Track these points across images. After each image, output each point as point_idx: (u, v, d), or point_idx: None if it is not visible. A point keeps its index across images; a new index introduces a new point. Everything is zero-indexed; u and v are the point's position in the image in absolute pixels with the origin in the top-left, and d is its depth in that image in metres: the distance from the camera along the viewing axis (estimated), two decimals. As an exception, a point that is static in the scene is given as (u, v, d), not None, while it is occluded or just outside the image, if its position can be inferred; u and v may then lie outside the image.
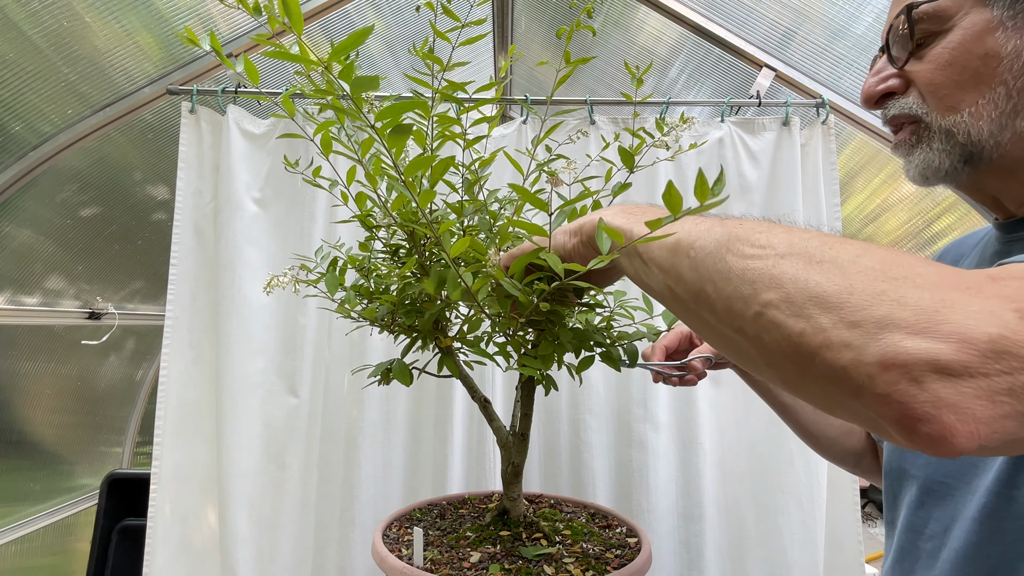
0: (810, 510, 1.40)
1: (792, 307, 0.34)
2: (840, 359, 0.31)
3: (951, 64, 0.51)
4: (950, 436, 0.29)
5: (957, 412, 0.28)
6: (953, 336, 0.29)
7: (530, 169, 0.88)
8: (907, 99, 0.55)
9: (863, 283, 0.32)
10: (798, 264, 0.35)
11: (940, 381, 0.28)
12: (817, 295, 0.33)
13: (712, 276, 0.39)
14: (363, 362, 1.42)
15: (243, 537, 1.39)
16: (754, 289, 0.36)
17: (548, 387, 0.81)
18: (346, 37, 0.46)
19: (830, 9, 1.40)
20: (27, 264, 1.73)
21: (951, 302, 0.30)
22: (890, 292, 0.31)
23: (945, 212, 1.68)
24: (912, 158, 0.57)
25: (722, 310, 0.38)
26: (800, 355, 0.33)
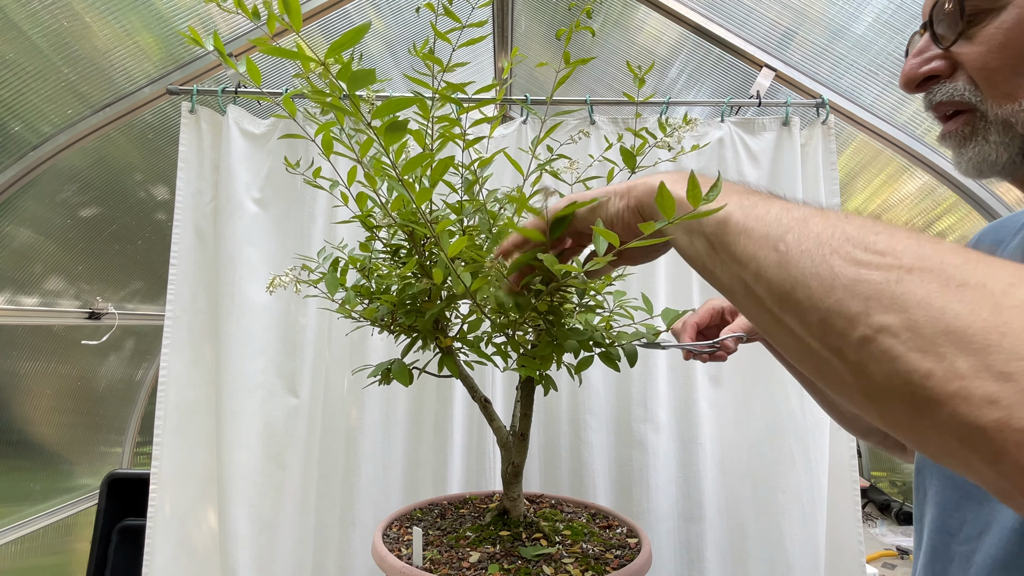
0: (811, 510, 1.40)
1: (918, 340, 0.28)
2: (980, 417, 0.26)
3: (1006, 46, 0.46)
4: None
5: None
6: None
7: (530, 169, 0.88)
8: (955, 84, 0.50)
9: (1021, 322, 0.26)
10: (931, 284, 0.28)
11: None
12: (956, 330, 0.27)
13: (808, 280, 0.33)
14: (363, 362, 1.42)
15: (243, 537, 1.39)
16: (867, 307, 0.30)
17: (547, 387, 0.81)
18: (343, 34, 0.46)
19: (830, 9, 1.40)
20: (27, 264, 1.73)
21: None
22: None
23: (946, 212, 1.68)
24: (965, 151, 0.51)
25: (815, 323, 0.32)
26: (920, 399, 0.28)
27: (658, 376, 1.45)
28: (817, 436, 1.42)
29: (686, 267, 1.49)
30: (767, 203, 0.39)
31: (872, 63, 1.46)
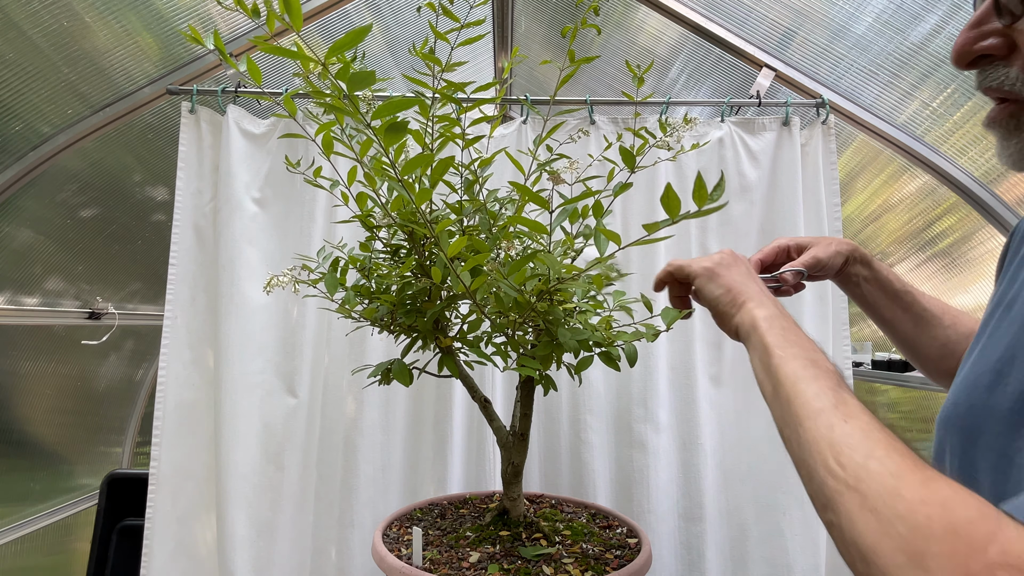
0: (811, 511, 1.40)
1: (842, 537, 0.40)
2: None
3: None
4: None
5: None
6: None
7: (531, 169, 0.88)
8: (1009, 70, 0.46)
9: (889, 550, 0.37)
10: (854, 504, 0.40)
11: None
12: (857, 543, 0.39)
13: (804, 466, 0.45)
14: (363, 362, 1.42)
15: (241, 538, 1.39)
16: (823, 504, 0.42)
17: (547, 387, 0.81)
18: (344, 35, 0.46)
19: (830, 9, 1.40)
20: (27, 264, 1.73)
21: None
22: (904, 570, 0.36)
23: (947, 213, 1.67)
24: (1008, 144, 0.49)
25: (808, 492, 0.45)
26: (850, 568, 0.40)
27: (659, 376, 1.45)
28: (817, 436, 1.42)
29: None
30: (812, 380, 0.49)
31: (872, 63, 1.46)
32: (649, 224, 0.50)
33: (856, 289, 0.86)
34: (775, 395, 0.52)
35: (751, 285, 0.62)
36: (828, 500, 0.42)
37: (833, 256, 0.83)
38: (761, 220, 1.50)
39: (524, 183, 0.88)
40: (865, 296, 0.86)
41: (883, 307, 0.85)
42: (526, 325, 0.76)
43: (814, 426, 0.46)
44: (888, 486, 0.40)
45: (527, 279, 0.65)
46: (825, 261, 0.82)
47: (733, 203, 1.49)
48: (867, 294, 0.85)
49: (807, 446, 0.45)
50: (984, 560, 0.35)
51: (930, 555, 0.36)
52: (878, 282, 0.85)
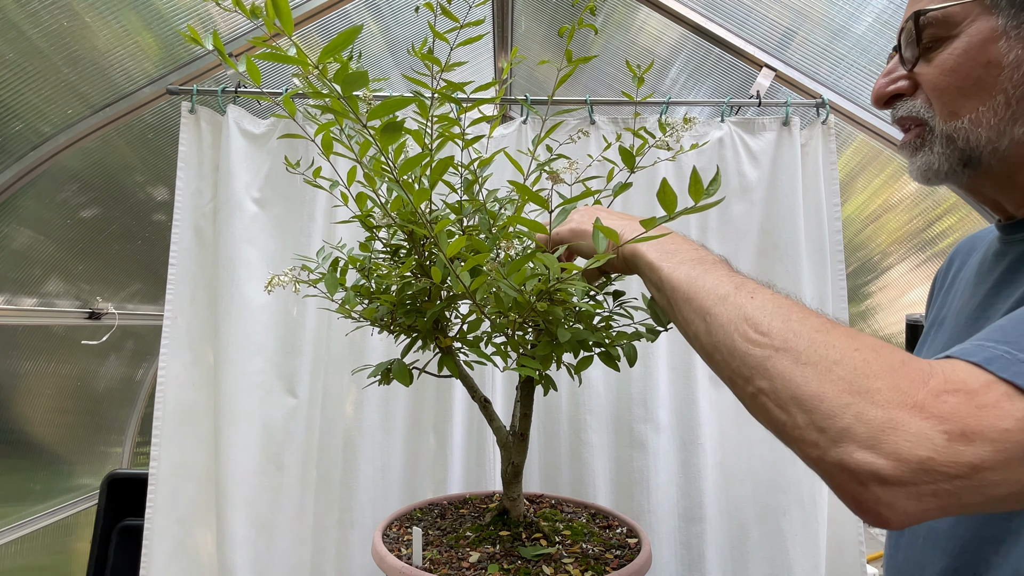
0: (811, 511, 1.40)
1: (778, 400, 0.42)
2: (810, 453, 0.41)
3: (955, 70, 0.53)
4: (886, 522, 0.38)
5: (891, 508, 0.38)
6: (893, 455, 0.37)
7: (530, 169, 0.88)
8: (915, 102, 0.57)
9: (834, 393, 0.39)
10: (787, 362, 0.42)
11: (880, 487, 0.37)
12: (797, 396, 0.41)
13: (721, 347, 0.47)
14: (363, 362, 1.42)
15: (241, 538, 1.39)
16: (751, 374, 0.44)
17: (547, 387, 0.81)
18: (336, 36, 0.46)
19: (830, 9, 1.40)
20: (27, 264, 1.73)
21: (897, 423, 0.37)
22: (853, 406, 0.38)
23: (946, 213, 1.67)
24: (915, 159, 0.58)
25: (728, 376, 0.47)
26: (783, 437, 0.43)
27: (658, 376, 1.45)
28: (817, 436, 1.42)
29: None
30: (706, 273, 0.52)
31: (872, 63, 1.46)
32: (646, 220, 0.50)
33: None
34: (674, 303, 0.53)
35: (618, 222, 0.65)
36: (755, 368, 0.43)
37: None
38: (761, 220, 1.50)
39: (524, 183, 0.88)
40: None
41: None
42: (526, 325, 0.76)
43: (723, 310, 0.47)
44: (818, 340, 0.42)
45: (527, 279, 0.65)
46: None
47: (733, 203, 1.49)
48: None
49: (719, 329, 0.47)
50: (927, 388, 0.38)
51: (875, 391, 0.38)
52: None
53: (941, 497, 0.36)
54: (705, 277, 0.51)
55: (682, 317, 0.52)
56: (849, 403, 0.39)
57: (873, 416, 0.38)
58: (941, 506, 0.37)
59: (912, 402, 0.38)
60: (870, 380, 0.39)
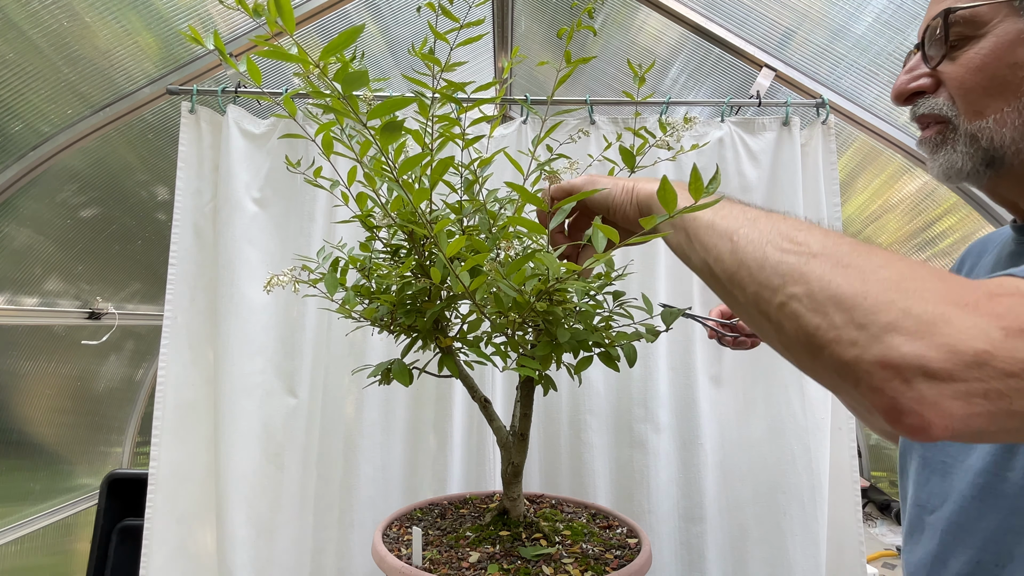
0: (812, 511, 1.40)
1: (813, 303, 0.39)
2: (846, 354, 0.37)
3: (981, 69, 0.53)
4: (927, 427, 0.34)
5: (936, 409, 0.34)
6: (944, 347, 0.34)
7: (530, 169, 0.88)
8: (936, 99, 0.57)
9: (878, 291, 0.37)
10: (826, 265, 0.39)
11: (926, 383, 0.34)
12: (837, 296, 0.38)
13: (749, 263, 0.44)
14: (363, 362, 1.42)
15: (241, 538, 1.39)
16: (783, 281, 0.41)
17: (547, 387, 0.81)
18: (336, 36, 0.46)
19: (830, 9, 1.40)
20: (27, 264, 1.73)
21: (949, 317, 0.34)
22: (899, 302, 0.36)
23: (947, 213, 1.67)
24: (936, 157, 0.58)
25: (752, 294, 0.43)
26: (813, 346, 0.39)
27: (659, 376, 1.45)
28: (818, 436, 1.42)
29: (686, 268, 1.49)
30: (731, 206, 0.50)
31: (872, 63, 1.46)
32: (646, 219, 0.50)
33: None
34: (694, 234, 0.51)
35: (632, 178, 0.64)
36: (788, 275, 0.41)
37: None
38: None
39: (523, 183, 0.88)
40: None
41: None
42: (526, 325, 0.76)
43: (754, 227, 0.45)
44: (860, 248, 0.40)
45: (526, 279, 0.65)
46: None
47: (733, 203, 1.49)
48: None
49: (749, 244, 0.44)
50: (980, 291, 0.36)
51: (924, 290, 0.36)
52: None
53: (991, 399, 0.33)
54: (732, 207, 0.50)
55: (701, 245, 0.49)
56: (895, 299, 0.36)
57: (923, 310, 0.35)
58: (989, 411, 0.34)
59: (965, 301, 0.35)
60: (918, 282, 0.37)
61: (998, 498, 0.54)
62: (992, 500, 0.54)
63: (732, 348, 0.95)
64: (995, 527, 0.53)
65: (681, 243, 0.53)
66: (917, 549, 0.63)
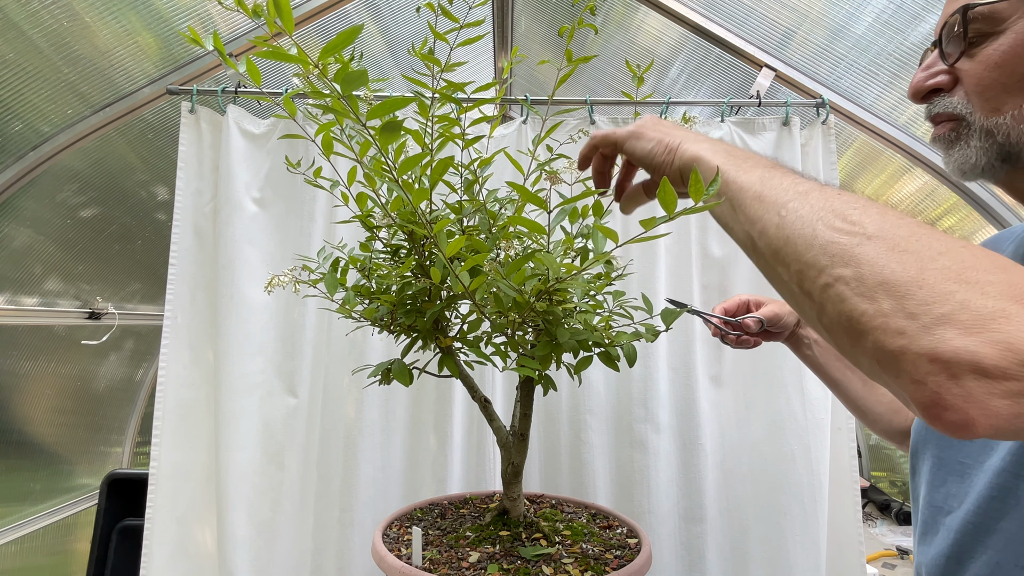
0: (812, 511, 1.40)
1: (862, 287, 0.37)
2: (891, 343, 0.35)
3: (1000, 66, 0.52)
4: (970, 425, 0.33)
5: (982, 407, 0.33)
6: (1001, 344, 0.32)
7: (531, 169, 0.88)
8: (952, 98, 0.57)
9: (936, 280, 0.35)
10: (881, 249, 0.38)
11: (976, 380, 0.32)
12: (889, 281, 0.36)
13: (796, 239, 0.42)
14: (363, 362, 1.42)
15: (241, 538, 1.39)
16: (831, 261, 0.39)
17: (547, 387, 0.81)
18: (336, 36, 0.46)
19: (830, 9, 1.40)
20: (27, 264, 1.73)
21: (1009, 313, 0.33)
22: (958, 294, 0.34)
23: (947, 213, 1.67)
24: (951, 153, 0.58)
25: (796, 271, 0.42)
26: (855, 331, 0.37)
27: (659, 376, 1.45)
28: (818, 436, 1.42)
29: (686, 269, 1.49)
30: (782, 176, 0.48)
31: (872, 63, 1.46)
32: (646, 220, 0.50)
33: (807, 351, 0.94)
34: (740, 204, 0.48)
35: (681, 131, 0.60)
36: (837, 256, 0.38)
37: (788, 314, 0.92)
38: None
39: (524, 183, 0.88)
40: (816, 357, 0.94)
41: (833, 368, 0.93)
42: (526, 325, 0.76)
43: (805, 202, 0.43)
44: (920, 232, 0.38)
45: (526, 279, 0.65)
46: (782, 317, 0.92)
47: (733, 203, 1.49)
48: (818, 355, 0.93)
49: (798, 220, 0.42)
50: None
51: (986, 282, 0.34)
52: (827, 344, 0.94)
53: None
54: (782, 178, 0.47)
55: (747, 216, 0.47)
56: (954, 290, 0.34)
57: (982, 305, 0.33)
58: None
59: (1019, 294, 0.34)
60: (980, 273, 0.35)
61: (1019, 498, 0.53)
62: (1012, 500, 0.54)
63: (734, 347, 0.96)
64: (1016, 528, 0.53)
65: (724, 214, 0.51)
66: (930, 550, 0.62)
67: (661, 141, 0.59)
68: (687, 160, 0.56)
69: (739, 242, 0.50)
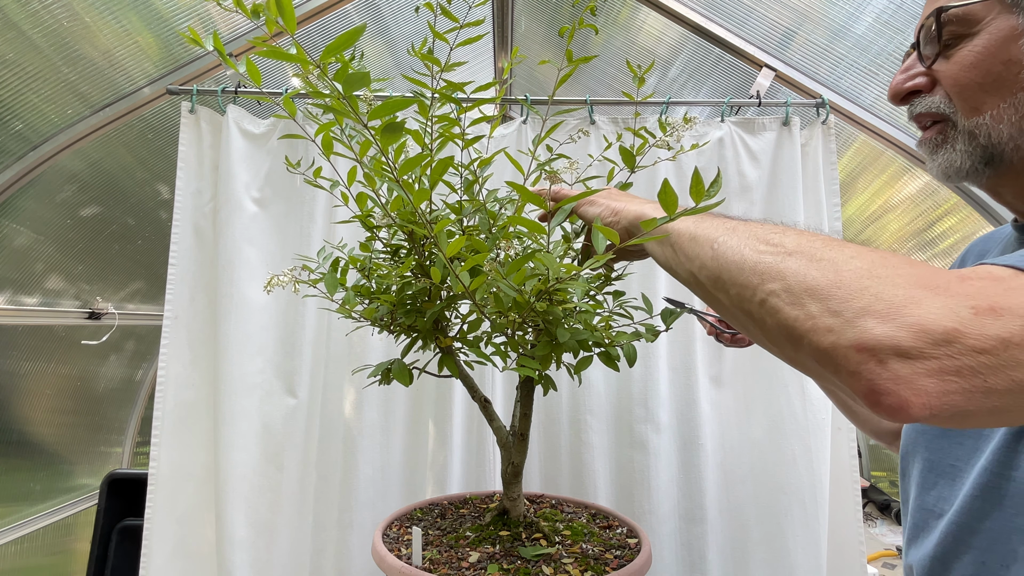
0: (813, 511, 1.40)
1: (791, 296, 0.41)
2: (823, 341, 0.38)
3: (975, 66, 0.53)
4: (906, 406, 0.35)
5: (912, 388, 0.35)
6: (914, 326, 0.35)
7: (531, 169, 0.88)
8: (933, 98, 0.58)
9: (850, 279, 0.39)
10: (801, 261, 0.42)
11: (899, 362, 0.35)
12: (811, 287, 0.40)
13: (729, 266, 0.46)
14: (363, 362, 1.42)
15: (240, 539, 1.38)
16: (761, 279, 0.43)
17: (547, 387, 0.81)
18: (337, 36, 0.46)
19: (830, 9, 1.40)
20: (27, 264, 1.73)
21: (919, 299, 0.36)
22: (871, 288, 0.37)
23: (947, 214, 1.67)
24: (936, 157, 0.59)
25: (735, 295, 0.46)
26: (793, 337, 0.40)
27: (659, 376, 1.45)
28: (819, 436, 1.42)
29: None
30: (712, 218, 0.53)
31: (872, 63, 1.46)
32: (647, 221, 0.50)
33: None
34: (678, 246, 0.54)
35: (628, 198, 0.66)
36: (766, 273, 0.43)
37: None
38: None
39: (524, 183, 0.87)
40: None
41: None
42: (526, 325, 0.76)
43: (733, 235, 0.48)
44: (833, 243, 0.42)
45: (526, 279, 0.65)
46: None
47: (733, 203, 1.49)
48: None
49: (728, 250, 0.47)
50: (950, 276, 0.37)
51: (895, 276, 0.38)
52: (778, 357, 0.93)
53: (965, 377, 0.34)
54: (712, 220, 0.53)
55: (685, 256, 0.53)
56: (868, 285, 0.38)
57: (894, 294, 0.36)
58: (964, 388, 0.34)
59: (935, 284, 0.37)
60: (889, 268, 0.38)
61: (1003, 498, 0.53)
62: (997, 500, 0.54)
63: (728, 345, 0.96)
64: (1000, 527, 0.53)
65: (668, 257, 0.57)
66: (917, 552, 0.62)
67: (608, 206, 0.67)
68: (631, 219, 0.63)
69: (683, 281, 0.55)
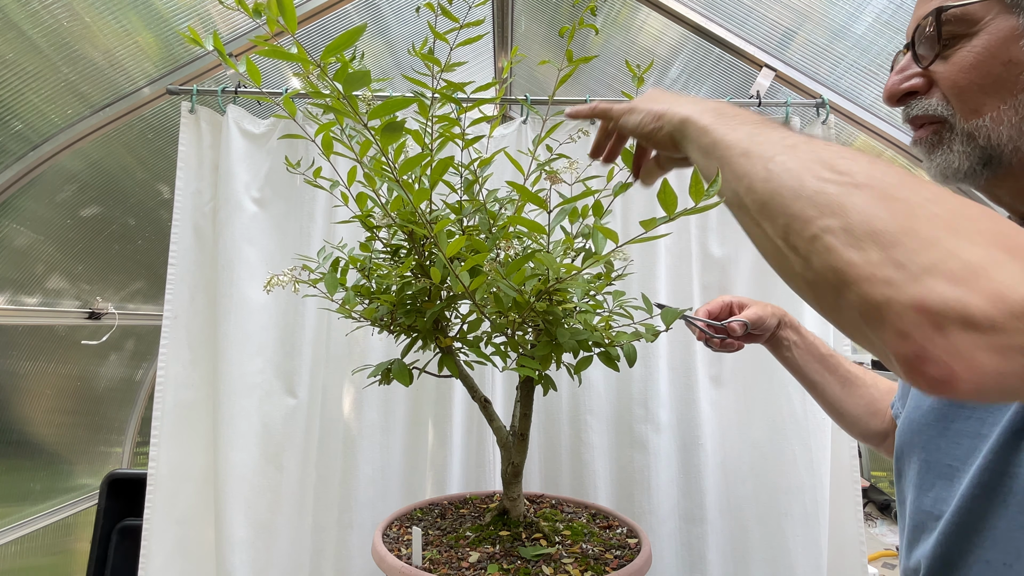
0: (813, 511, 1.40)
1: (850, 237, 0.35)
2: (877, 294, 0.34)
3: (975, 68, 0.52)
4: (951, 380, 0.32)
5: (966, 361, 0.31)
6: (990, 293, 0.31)
7: (531, 169, 0.88)
8: (930, 100, 0.56)
9: (924, 228, 0.34)
10: (870, 198, 0.36)
11: (962, 331, 0.31)
12: (877, 231, 0.35)
13: (783, 191, 0.40)
14: (363, 362, 1.42)
15: (239, 539, 1.38)
16: (820, 212, 0.37)
17: (547, 387, 0.81)
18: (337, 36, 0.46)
19: (830, 9, 1.40)
20: (27, 264, 1.73)
21: (999, 261, 0.31)
22: (946, 242, 0.33)
23: (946, 212, 1.67)
24: (933, 158, 0.57)
25: (782, 224, 0.40)
26: (841, 282, 0.36)
27: (659, 376, 1.45)
28: (819, 436, 1.42)
29: (686, 268, 1.49)
30: (771, 131, 0.46)
31: (872, 63, 1.46)
32: (646, 220, 0.50)
33: (787, 353, 0.95)
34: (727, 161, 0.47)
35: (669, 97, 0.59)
36: (825, 206, 0.37)
37: (770, 316, 0.93)
38: None
39: (524, 183, 0.88)
40: (795, 359, 0.95)
41: (812, 370, 0.93)
42: (526, 325, 0.76)
43: (791, 156, 0.42)
44: (909, 180, 0.37)
45: (526, 279, 0.65)
46: (765, 319, 0.92)
47: (733, 203, 1.49)
48: (797, 357, 0.94)
49: (786, 172, 0.41)
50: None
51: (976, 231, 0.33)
52: (806, 346, 0.94)
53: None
54: (771, 133, 0.46)
55: (734, 173, 0.46)
56: (943, 238, 0.33)
57: (972, 253, 0.32)
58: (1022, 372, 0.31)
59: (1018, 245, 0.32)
60: (970, 222, 0.34)
61: (1006, 495, 0.53)
62: (1000, 498, 0.53)
63: (718, 350, 0.96)
64: (1004, 525, 0.53)
65: (710, 172, 0.50)
66: (916, 553, 0.62)
67: (650, 111, 0.59)
68: (676, 124, 0.55)
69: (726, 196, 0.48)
